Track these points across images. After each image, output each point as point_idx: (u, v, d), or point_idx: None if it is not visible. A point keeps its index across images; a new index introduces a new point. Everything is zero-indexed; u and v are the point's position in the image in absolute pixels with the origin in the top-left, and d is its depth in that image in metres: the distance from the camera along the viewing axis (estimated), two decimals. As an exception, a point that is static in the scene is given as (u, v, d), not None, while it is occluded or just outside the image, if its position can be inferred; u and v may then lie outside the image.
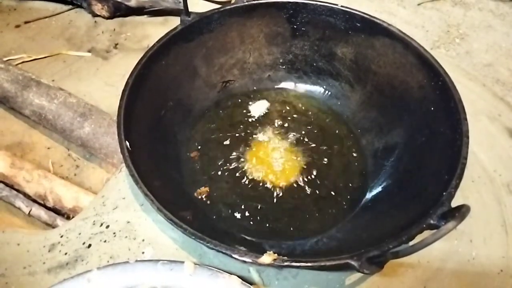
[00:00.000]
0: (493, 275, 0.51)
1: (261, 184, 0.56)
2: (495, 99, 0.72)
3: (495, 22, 0.87)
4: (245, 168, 0.58)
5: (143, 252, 0.50)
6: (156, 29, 0.81)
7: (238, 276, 0.45)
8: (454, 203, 0.40)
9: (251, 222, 0.53)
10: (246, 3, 0.60)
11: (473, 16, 0.88)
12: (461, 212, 0.35)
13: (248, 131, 0.62)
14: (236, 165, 0.58)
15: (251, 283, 0.47)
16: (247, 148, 0.60)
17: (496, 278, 0.51)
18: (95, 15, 0.83)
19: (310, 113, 0.64)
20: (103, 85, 0.71)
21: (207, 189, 0.55)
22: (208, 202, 0.54)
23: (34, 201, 0.58)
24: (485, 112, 0.69)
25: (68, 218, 0.57)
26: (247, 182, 0.56)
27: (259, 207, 0.54)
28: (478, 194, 0.59)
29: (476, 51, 0.81)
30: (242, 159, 0.59)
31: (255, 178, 0.57)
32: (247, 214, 0.53)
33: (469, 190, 0.59)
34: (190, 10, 0.58)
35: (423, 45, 0.55)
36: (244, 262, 0.39)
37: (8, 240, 0.51)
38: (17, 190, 0.59)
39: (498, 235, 0.55)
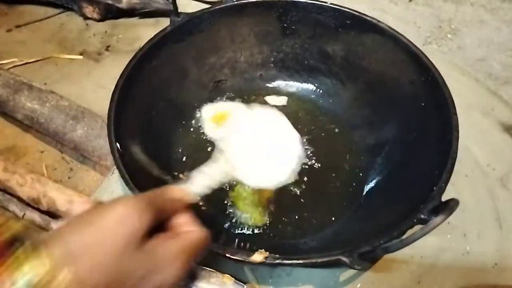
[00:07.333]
0: (488, 268, 0.52)
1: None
2: (488, 93, 0.72)
3: (487, 17, 0.87)
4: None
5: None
6: (147, 31, 0.81)
7: (232, 275, 0.45)
8: (448, 198, 0.40)
9: (248, 222, 0.53)
10: (236, 2, 0.60)
11: (464, 11, 0.88)
12: (449, 206, 0.35)
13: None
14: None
15: (245, 282, 0.47)
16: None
17: (490, 271, 0.51)
18: (86, 17, 0.83)
19: (302, 111, 0.64)
20: (95, 88, 0.71)
21: None
22: (201, 202, 0.54)
23: (28, 205, 0.58)
24: (478, 107, 0.69)
25: (62, 221, 0.57)
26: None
27: (255, 208, 0.54)
28: (471, 188, 0.59)
29: (468, 46, 0.81)
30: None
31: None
32: (243, 213, 0.53)
33: (463, 184, 0.59)
34: (180, 10, 0.58)
35: (415, 41, 0.55)
36: (236, 260, 0.39)
37: (1, 245, 0.51)
38: (11, 194, 0.59)
39: (492, 229, 0.55)
